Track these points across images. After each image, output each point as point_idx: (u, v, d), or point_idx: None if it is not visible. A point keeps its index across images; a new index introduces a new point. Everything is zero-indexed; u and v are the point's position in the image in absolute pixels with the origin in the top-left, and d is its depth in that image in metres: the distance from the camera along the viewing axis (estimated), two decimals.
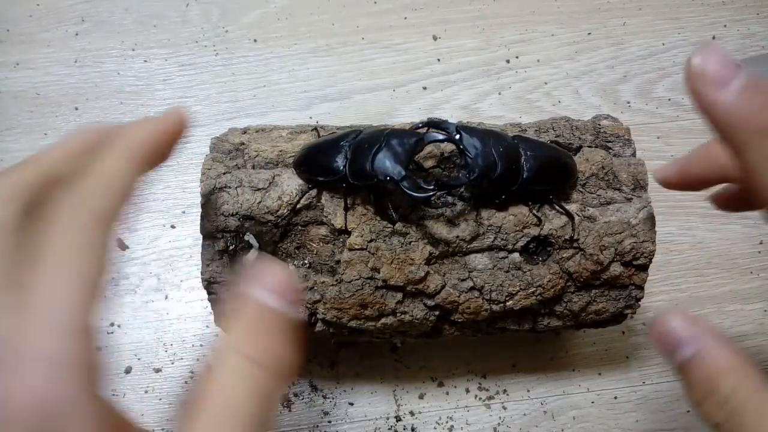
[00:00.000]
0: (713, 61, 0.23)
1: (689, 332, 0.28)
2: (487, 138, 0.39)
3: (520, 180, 0.40)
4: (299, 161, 0.43)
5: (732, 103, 0.23)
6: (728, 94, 0.23)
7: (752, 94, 0.23)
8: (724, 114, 0.23)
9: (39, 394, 0.21)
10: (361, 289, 0.41)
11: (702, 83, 0.23)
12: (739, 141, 0.23)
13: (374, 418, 0.54)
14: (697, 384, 0.27)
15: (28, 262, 0.24)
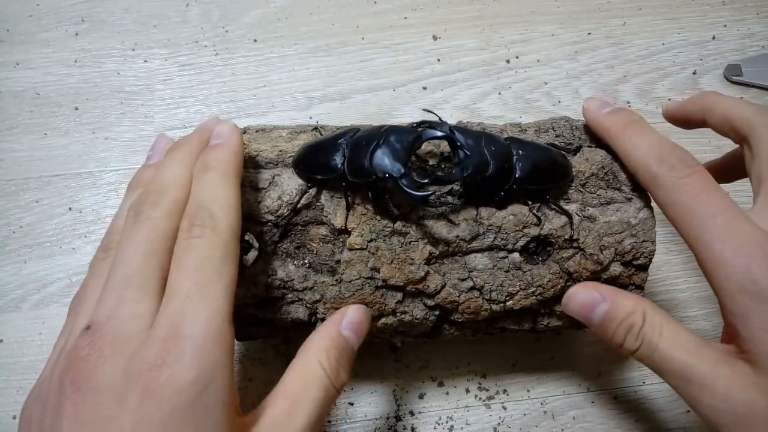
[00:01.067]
0: (595, 101, 0.44)
1: (599, 294, 0.38)
2: (479, 138, 0.40)
3: (513, 179, 0.40)
4: (298, 160, 0.43)
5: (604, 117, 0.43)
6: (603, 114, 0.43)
7: (617, 109, 0.43)
8: (602, 124, 0.43)
9: (205, 360, 0.28)
10: (361, 289, 0.41)
11: (589, 112, 0.44)
12: (611, 137, 0.42)
13: (374, 418, 0.54)
14: (616, 329, 0.36)
15: (176, 264, 0.31)
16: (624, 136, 0.38)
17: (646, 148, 0.37)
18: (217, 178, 0.35)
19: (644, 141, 0.37)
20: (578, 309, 0.39)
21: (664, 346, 0.34)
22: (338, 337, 0.36)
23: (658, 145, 0.37)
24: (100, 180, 0.62)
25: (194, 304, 0.29)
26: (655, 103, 0.66)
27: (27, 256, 0.59)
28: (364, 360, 0.55)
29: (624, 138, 0.38)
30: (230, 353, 0.30)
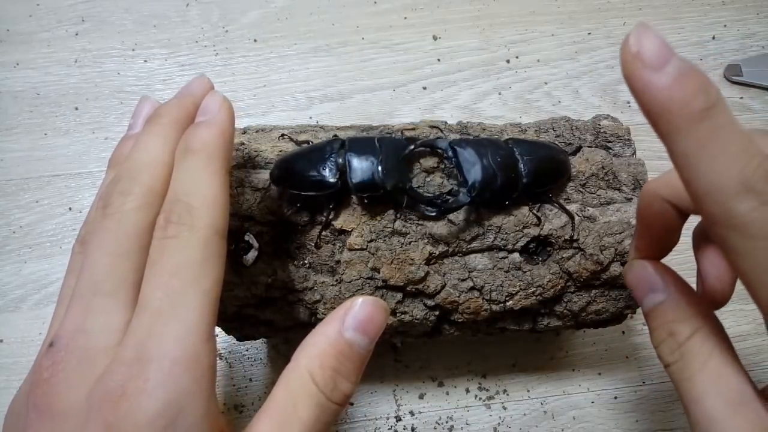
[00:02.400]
0: (649, 43, 0.22)
1: (661, 281, 0.31)
2: (483, 149, 0.39)
3: (520, 186, 0.40)
4: (281, 176, 0.41)
5: (666, 86, 0.22)
6: (663, 77, 0.22)
7: (686, 78, 0.22)
8: (658, 97, 0.22)
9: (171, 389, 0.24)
10: (361, 289, 0.41)
11: (636, 66, 0.22)
12: (671, 127, 0.23)
13: (374, 418, 0.54)
14: (659, 327, 0.30)
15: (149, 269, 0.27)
16: (695, 135, 0.22)
17: (727, 163, 0.22)
18: (199, 164, 0.29)
19: (726, 148, 0.22)
20: (632, 283, 0.32)
21: (702, 382, 0.27)
22: (338, 340, 0.29)
23: (743, 160, 0.22)
24: (100, 180, 0.62)
25: (164, 321, 0.25)
26: None
27: (27, 256, 0.59)
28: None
29: (694, 139, 0.22)
30: (207, 377, 0.26)
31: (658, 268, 0.31)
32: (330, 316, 0.30)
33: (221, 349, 0.56)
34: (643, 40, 0.22)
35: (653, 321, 0.30)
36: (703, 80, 0.22)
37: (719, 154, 0.22)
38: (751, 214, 0.22)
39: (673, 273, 0.31)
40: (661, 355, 0.30)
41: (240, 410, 0.54)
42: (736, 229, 0.22)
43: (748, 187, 0.22)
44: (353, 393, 0.29)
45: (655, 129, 0.23)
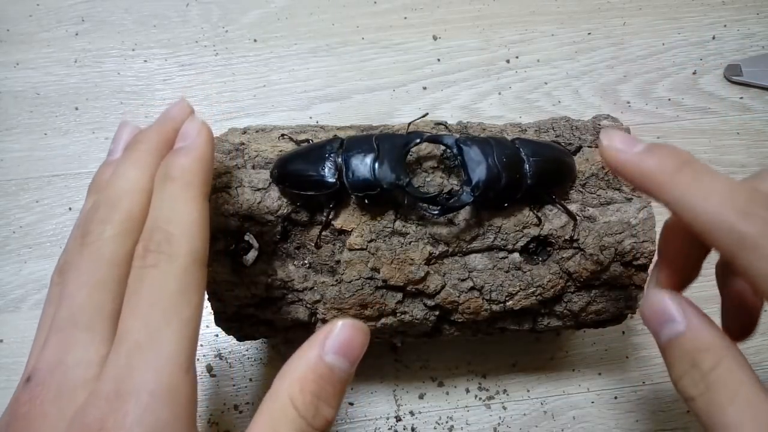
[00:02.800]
0: (617, 137, 0.29)
1: (679, 310, 0.29)
2: (489, 148, 0.39)
3: (524, 187, 0.40)
4: (281, 177, 0.41)
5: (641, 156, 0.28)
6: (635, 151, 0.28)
7: (656, 147, 0.28)
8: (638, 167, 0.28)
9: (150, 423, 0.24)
10: (361, 289, 0.41)
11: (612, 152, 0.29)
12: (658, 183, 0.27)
13: (374, 418, 0.54)
14: (679, 359, 0.29)
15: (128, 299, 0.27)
16: (680, 183, 0.26)
17: (719, 198, 0.25)
18: (178, 191, 0.29)
19: (714, 187, 0.26)
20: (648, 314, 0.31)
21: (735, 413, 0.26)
22: (318, 364, 0.28)
23: (733, 192, 0.25)
24: None
25: (142, 353, 0.25)
26: (655, 103, 0.66)
27: (27, 256, 0.59)
28: (364, 360, 0.55)
29: (681, 186, 0.26)
30: (187, 408, 0.25)
31: (675, 298, 0.30)
32: (310, 339, 0.29)
33: (221, 349, 0.56)
34: (612, 136, 0.29)
35: (672, 353, 0.29)
36: (671, 147, 0.28)
37: (709, 191, 0.26)
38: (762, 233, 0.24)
39: (690, 303, 0.30)
40: (684, 389, 0.28)
41: (240, 410, 0.54)
42: (751, 249, 0.24)
43: (747, 213, 0.24)
44: (334, 419, 0.29)
45: (650, 193, 0.28)
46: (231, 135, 0.46)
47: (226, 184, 0.42)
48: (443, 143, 0.39)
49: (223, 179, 0.42)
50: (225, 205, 0.41)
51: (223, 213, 0.41)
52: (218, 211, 0.41)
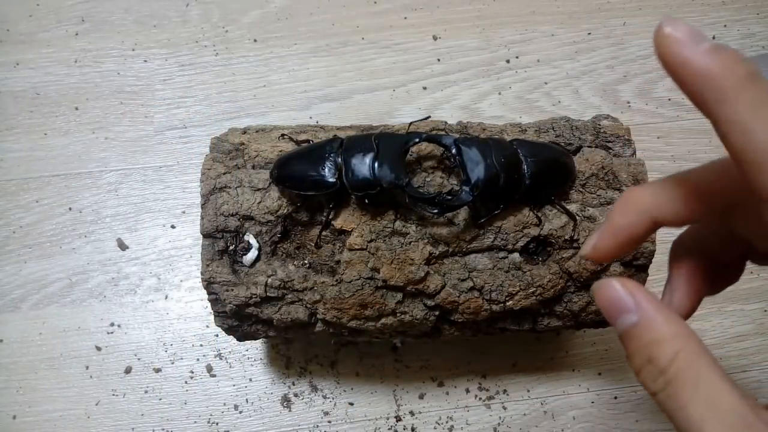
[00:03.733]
0: (683, 27, 0.23)
1: (632, 300, 0.28)
2: (488, 148, 0.39)
3: (522, 188, 0.40)
4: (281, 177, 0.41)
5: (705, 58, 0.23)
6: (700, 51, 0.23)
7: (724, 50, 0.23)
8: (699, 69, 0.23)
9: None
10: (361, 289, 0.41)
11: (673, 44, 0.23)
12: (719, 95, 0.22)
13: (374, 418, 0.54)
14: (636, 352, 0.27)
15: None
16: (744, 100, 0.22)
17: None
18: None
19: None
20: (602, 305, 0.30)
21: (697, 411, 0.25)
22: None
23: None
24: (100, 180, 0.62)
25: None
26: (655, 103, 0.66)
27: (27, 256, 0.59)
28: (364, 360, 0.55)
29: (744, 104, 0.22)
30: None
31: (627, 286, 0.28)
32: None
33: (221, 349, 0.56)
34: (675, 24, 0.23)
35: (629, 345, 0.28)
36: (738, 53, 0.23)
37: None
38: None
39: (644, 290, 0.29)
40: (645, 383, 0.27)
41: (240, 410, 0.54)
42: None
43: None
44: None
45: (700, 103, 0.23)
46: (231, 135, 0.46)
47: (225, 184, 0.42)
48: (442, 143, 0.39)
49: (223, 179, 0.42)
50: (225, 205, 0.41)
51: (223, 213, 0.41)
52: (218, 211, 0.41)
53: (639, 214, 0.29)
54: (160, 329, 0.57)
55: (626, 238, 0.30)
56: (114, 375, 0.55)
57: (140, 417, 0.54)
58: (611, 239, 0.30)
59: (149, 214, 0.61)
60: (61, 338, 0.56)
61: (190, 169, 0.63)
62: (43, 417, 0.53)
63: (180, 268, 0.59)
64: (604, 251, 0.30)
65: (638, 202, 0.29)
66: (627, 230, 0.29)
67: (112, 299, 0.57)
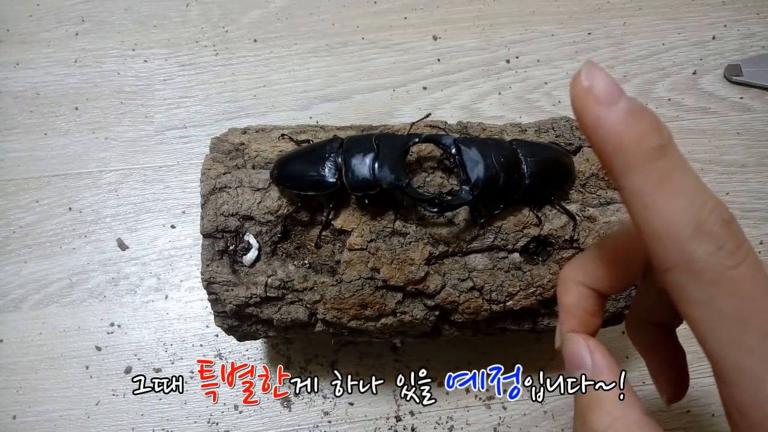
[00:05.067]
0: (600, 79, 0.22)
1: (590, 365, 0.28)
2: (487, 148, 0.39)
3: (522, 188, 0.40)
4: (281, 177, 0.41)
5: (619, 124, 0.21)
6: (616, 114, 0.21)
7: (639, 115, 0.22)
8: (611, 133, 0.22)
9: None
10: (361, 289, 0.41)
11: (589, 101, 0.22)
12: (626, 165, 0.22)
13: (374, 418, 0.54)
14: (576, 413, 0.27)
15: None
16: (652, 171, 0.22)
17: (681, 206, 0.21)
18: None
19: (680, 191, 0.21)
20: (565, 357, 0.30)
21: None
22: None
23: (698, 201, 0.21)
24: (100, 180, 0.62)
25: None
26: (654, 104, 0.66)
27: (27, 256, 0.59)
28: (364, 360, 0.55)
29: (645, 178, 0.22)
30: None
31: (591, 347, 0.29)
32: None
33: (221, 349, 0.56)
34: (594, 76, 0.22)
35: (579, 399, 0.28)
36: (654, 118, 0.22)
37: (676, 193, 0.21)
38: (710, 258, 0.21)
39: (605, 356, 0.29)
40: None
41: (240, 410, 0.54)
42: (693, 274, 0.21)
43: (701, 231, 0.21)
44: None
45: (608, 168, 0.22)
46: (231, 135, 0.46)
47: (225, 184, 0.42)
48: (442, 143, 0.39)
49: (223, 179, 0.42)
50: (225, 205, 0.41)
51: (223, 213, 0.41)
52: (218, 211, 0.41)
53: (578, 290, 0.29)
54: (160, 329, 0.57)
55: (582, 315, 0.29)
56: (114, 375, 0.55)
57: (140, 417, 0.54)
58: (572, 320, 0.30)
59: (149, 214, 0.61)
60: (61, 338, 0.56)
61: (190, 169, 0.63)
62: (43, 417, 0.53)
63: (180, 268, 0.59)
64: (570, 335, 0.30)
65: (570, 278, 0.29)
66: (577, 307, 0.29)
67: (112, 299, 0.57)
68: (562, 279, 0.30)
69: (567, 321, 0.30)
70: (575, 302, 0.29)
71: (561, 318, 0.30)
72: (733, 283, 0.21)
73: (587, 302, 0.29)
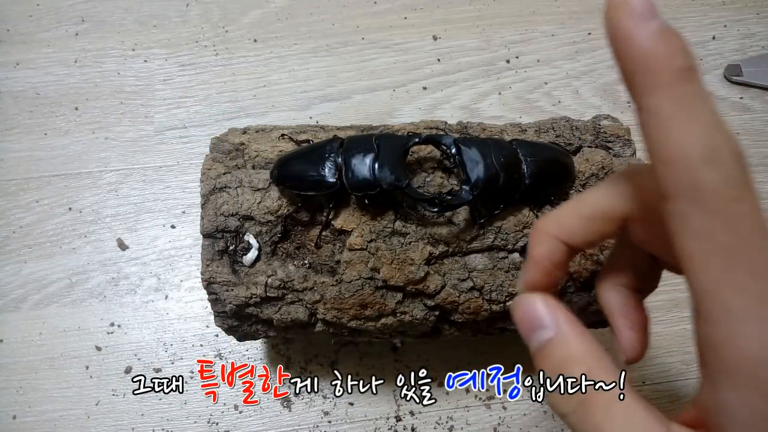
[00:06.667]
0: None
1: (549, 317, 0.28)
2: (487, 148, 0.39)
3: (522, 188, 0.40)
4: (281, 177, 0.41)
5: (650, 40, 0.21)
6: (648, 30, 0.21)
7: (670, 35, 0.21)
8: (641, 48, 0.21)
9: None
10: (361, 289, 0.41)
11: (622, 14, 0.22)
12: (650, 82, 0.21)
13: (374, 418, 0.54)
14: (549, 370, 0.27)
15: None
16: (674, 92, 0.21)
17: (697, 131, 0.21)
18: None
19: (698, 117, 0.21)
20: (519, 319, 0.29)
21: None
22: None
23: (713, 132, 0.21)
24: (100, 180, 0.62)
25: None
26: None
27: (27, 256, 0.59)
28: (364, 360, 0.55)
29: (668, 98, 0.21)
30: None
31: (547, 302, 0.28)
32: None
33: (221, 349, 0.56)
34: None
35: (542, 362, 0.27)
36: (684, 42, 0.21)
37: (694, 119, 0.21)
38: (716, 187, 0.21)
39: (563, 309, 0.28)
40: (555, 404, 0.26)
41: (240, 410, 0.54)
42: (697, 201, 0.21)
43: (713, 159, 0.21)
44: None
45: (630, 83, 0.22)
46: (231, 135, 0.46)
47: (225, 184, 0.42)
48: (442, 143, 0.39)
49: (223, 179, 0.42)
50: (225, 205, 0.41)
51: (223, 213, 0.41)
52: (218, 211, 0.41)
53: (550, 242, 0.29)
54: (160, 329, 0.57)
55: (549, 267, 0.30)
56: (114, 375, 0.55)
57: (140, 417, 0.54)
58: (537, 271, 0.30)
59: (149, 214, 0.61)
60: (61, 338, 0.56)
61: (190, 169, 0.63)
62: (43, 417, 0.53)
63: (180, 268, 0.59)
64: (534, 283, 0.30)
65: (545, 230, 0.29)
66: (546, 259, 0.29)
67: (112, 299, 0.57)
68: (536, 230, 0.30)
69: (532, 271, 0.30)
70: (545, 254, 0.29)
71: (526, 268, 0.30)
72: (733, 216, 0.21)
73: (556, 254, 0.29)
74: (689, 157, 0.21)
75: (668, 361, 0.56)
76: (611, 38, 0.22)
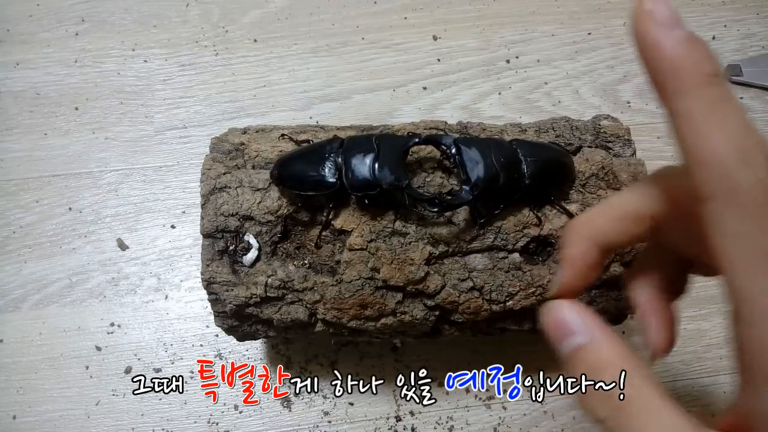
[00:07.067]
0: (663, 6, 0.23)
1: (581, 323, 0.28)
2: (487, 148, 0.39)
3: (522, 188, 0.40)
4: (281, 177, 0.41)
5: (677, 47, 0.23)
6: (674, 38, 0.23)
7: (697, 42, 0.23)
8: (670, 55, 0.23)
9: None
10: (361, 289, 0.41)
11: (650, 24, 0.23)
12: (681, 86, 0.23)
13: (374, 418, 0.54)
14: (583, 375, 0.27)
15: None
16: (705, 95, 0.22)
17: (729, 133, 0.22)
18: None
19: (729, 119, 0.22)
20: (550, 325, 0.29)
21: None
22: None
23: (745, 134, 0.22)
24: (100, 180, 0.62)
25: None
26: (655, 104, 0.66)
27: (27, 256, 0.59)
28: (364, 360, 0.55)
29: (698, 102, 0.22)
30: None
31: (578, 308, 0.29)
32: None
33: (221, 349, 0.56)
34: (656, 2, 0.23)
35: (574, 367, 0.27)
36: (710, 49, 0.23)
37: (725, 121, 0.22)
38: (751, 189, 0.21)
39: (593, 315, 0.29)
40: (591, 409, 0.26)
41: (240, 410, 0.54)
42: (733, 203, 0.21)
43: (747, 160, 0.21)
44: None
45: (660, 89, 0.23)
46: (231, 135, 0.46)
47: (225, 184, 0.42)
48: (442, 143, 0.39)
49: (223, 179, 0.42)
50: (225, 205, 0.41)
51: (223, 213, 0.41)
52: (218, 211, 0.41)
53: (585, 242, 0.30)
54: (160, 329, 0.57)
55: (584, 268, 0.30)
56: (114, 375, 0.55)
57: (140, 417, 0.54)
58: (572, 272, 0.30)
59: (149, 214, 0.61)
60: (61, 338, 0.56)
61: (190, 169, 0.63)
62: (43, 417, 0.53)
63: (180, 268, 0.59)
64: (570, 286, 0.30)
65: (578, 232, 0.30)
66: (581, 260, 0.30)
67: (112, 299, 0.57)
68: (570, 231, 0.30)
69: (567, 272, 0.30)
70: (579, 255, 0.30)
71: (563, 269, 0.30)
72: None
73: (590, 256, 0.30)
74: (723, 158, 0.22)
75: (668, 361, 0.56)
76: (640, 47, 0.24)
